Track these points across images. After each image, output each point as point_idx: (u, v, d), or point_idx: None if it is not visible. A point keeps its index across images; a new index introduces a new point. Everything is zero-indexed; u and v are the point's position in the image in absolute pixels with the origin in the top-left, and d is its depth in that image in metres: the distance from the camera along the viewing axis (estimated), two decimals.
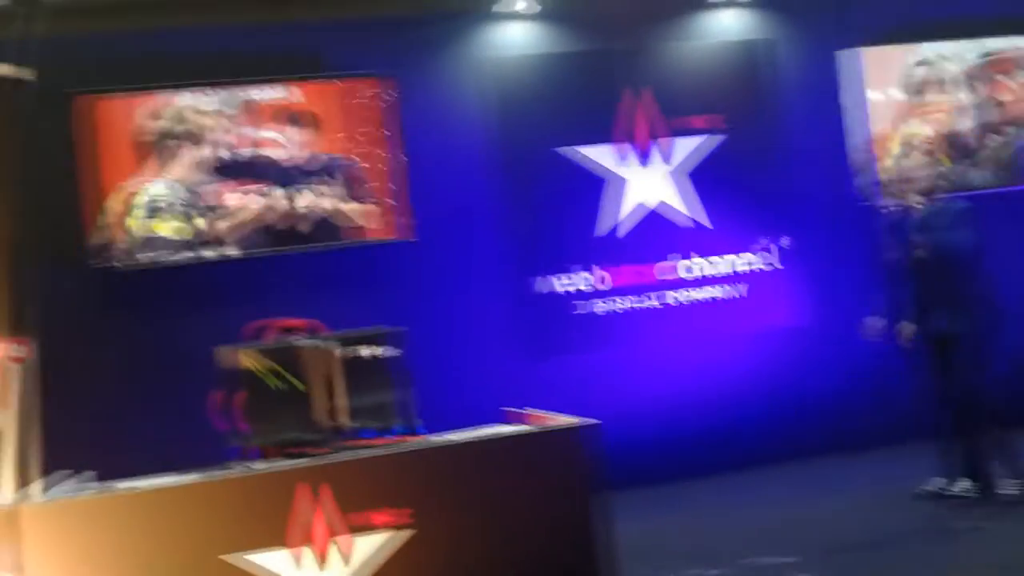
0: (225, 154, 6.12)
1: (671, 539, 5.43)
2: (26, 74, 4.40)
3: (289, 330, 4.57)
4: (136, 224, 5.99)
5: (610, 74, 6.89)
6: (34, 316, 4.30)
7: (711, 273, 6.99)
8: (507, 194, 6.69)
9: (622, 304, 6.82)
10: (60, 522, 3.43)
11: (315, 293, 5.94)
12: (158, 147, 6.04)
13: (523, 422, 4.14)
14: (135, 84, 5.94)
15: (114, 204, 5.98)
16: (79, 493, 3.83)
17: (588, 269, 6.80)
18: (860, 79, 7.13)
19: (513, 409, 4.25)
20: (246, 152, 6.16)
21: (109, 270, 5.85)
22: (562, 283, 6.77)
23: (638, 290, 6.86)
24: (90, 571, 3.40)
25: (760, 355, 6.99)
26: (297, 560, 3.53)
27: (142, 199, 6.04)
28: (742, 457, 6.68)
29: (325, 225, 6.26)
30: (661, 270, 6.91)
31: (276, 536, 3.51)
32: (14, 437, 4.18)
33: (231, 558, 3.47)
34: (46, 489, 4.05)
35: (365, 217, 6.32)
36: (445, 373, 5.93)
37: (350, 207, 6.30)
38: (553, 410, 4.11)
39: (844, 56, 7.14)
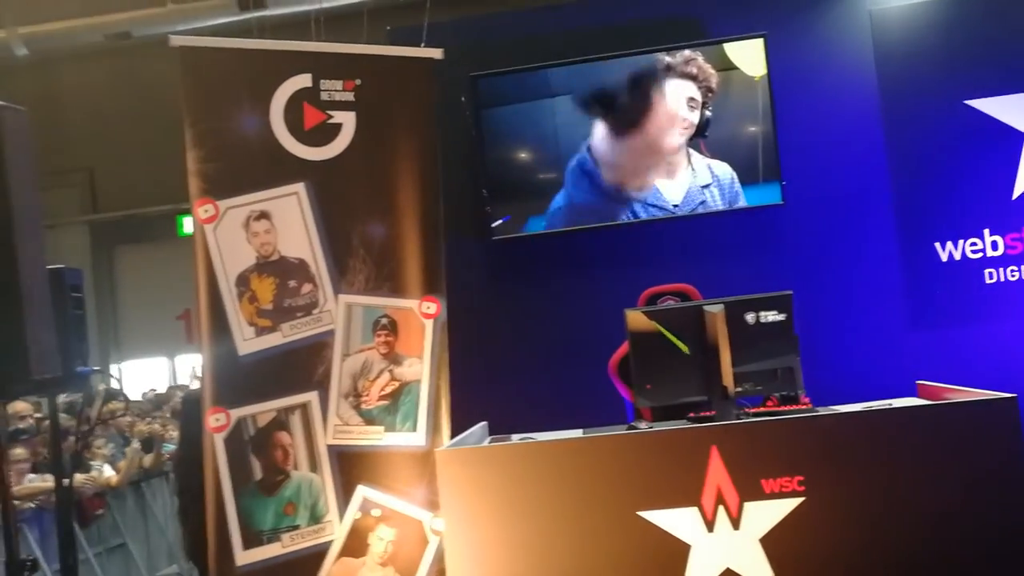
0: None
1: None
2: (436, 55, 4.79)
3: (666, 295, 4.65)
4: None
5: (1007, 16, 6.26)
6: (443, 280, 4.71)
7: None
8: (899, 153, 6.29)
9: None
10: (470, 466, 3.66)
11: (694, 259, 5.96)
12: None
13: (933, 395, 3.91)
14: (529, 63, 6.20)
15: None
16: (487, 441, 4.13)
17: (987, 234, 6.25)
18: None
19: (925, 382, 4.03)
20: None
21: (507, 239, 6.18)
22: (964, 249, 6.26)
23: None
24: (501, 515, 3.63)
25: None
26: (685, 521, 3.59)
27: None
28: None
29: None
30: None
31: (664, 496, 3.58)
32: (427, 386, 4.63)
33: (635, 513, 3.59)
34: (453, 435, 4.44)
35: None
36: (832, 341, 5.74)
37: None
38: (955, 383, 3.85)
39: None
